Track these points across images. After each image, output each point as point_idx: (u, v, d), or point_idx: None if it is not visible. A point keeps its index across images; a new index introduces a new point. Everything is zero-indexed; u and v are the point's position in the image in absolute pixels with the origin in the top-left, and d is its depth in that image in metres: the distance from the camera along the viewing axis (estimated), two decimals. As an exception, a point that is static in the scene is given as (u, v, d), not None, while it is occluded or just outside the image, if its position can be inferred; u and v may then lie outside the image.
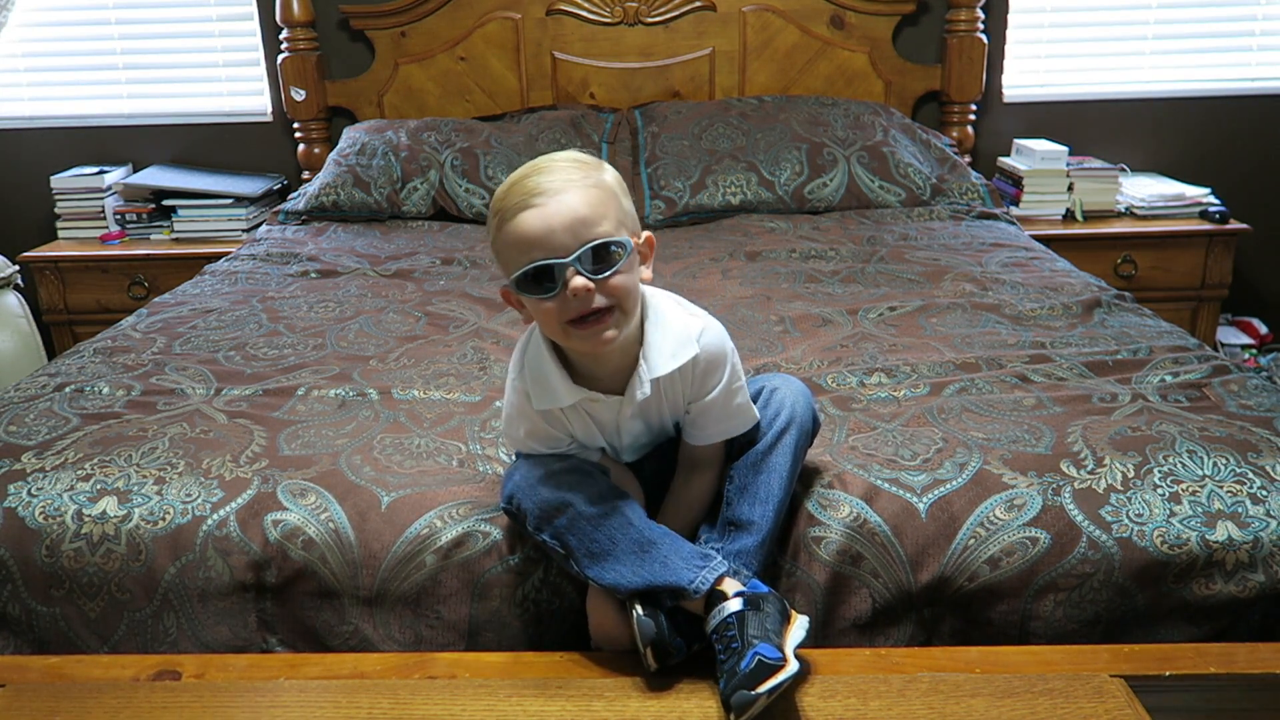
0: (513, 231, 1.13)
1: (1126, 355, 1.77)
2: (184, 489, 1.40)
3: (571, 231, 1.11)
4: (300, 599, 1.34)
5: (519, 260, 1.13)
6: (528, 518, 1.23)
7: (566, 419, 1.26)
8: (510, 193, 1.14)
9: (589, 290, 1.12)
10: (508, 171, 2.86)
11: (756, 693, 1.05)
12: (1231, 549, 1.29)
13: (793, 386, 1.34)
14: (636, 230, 1.20)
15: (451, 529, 1.33)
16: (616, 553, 1.19)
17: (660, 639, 1.15)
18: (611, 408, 1.24)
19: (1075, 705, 1.12)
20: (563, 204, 1.11)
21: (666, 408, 1.28)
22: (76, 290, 3.12)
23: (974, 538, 1.31)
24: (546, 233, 1.11)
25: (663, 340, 1.21)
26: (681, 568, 1.18)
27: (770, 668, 1.06)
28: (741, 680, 1.06)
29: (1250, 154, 3.34)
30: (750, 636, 1.10)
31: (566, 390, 1.21)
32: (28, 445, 1.51)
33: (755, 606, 1.14)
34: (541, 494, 1.21)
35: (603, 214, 1.13)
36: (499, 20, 3.24)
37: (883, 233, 2.64)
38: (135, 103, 3.42)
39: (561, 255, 1.11)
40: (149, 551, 1.34)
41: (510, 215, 1.13)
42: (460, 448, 1.52)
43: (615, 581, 1.18)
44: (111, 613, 1.34)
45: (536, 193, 1.12)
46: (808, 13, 3.22)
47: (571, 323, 1.14)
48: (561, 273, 1.12)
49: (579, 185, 1.13)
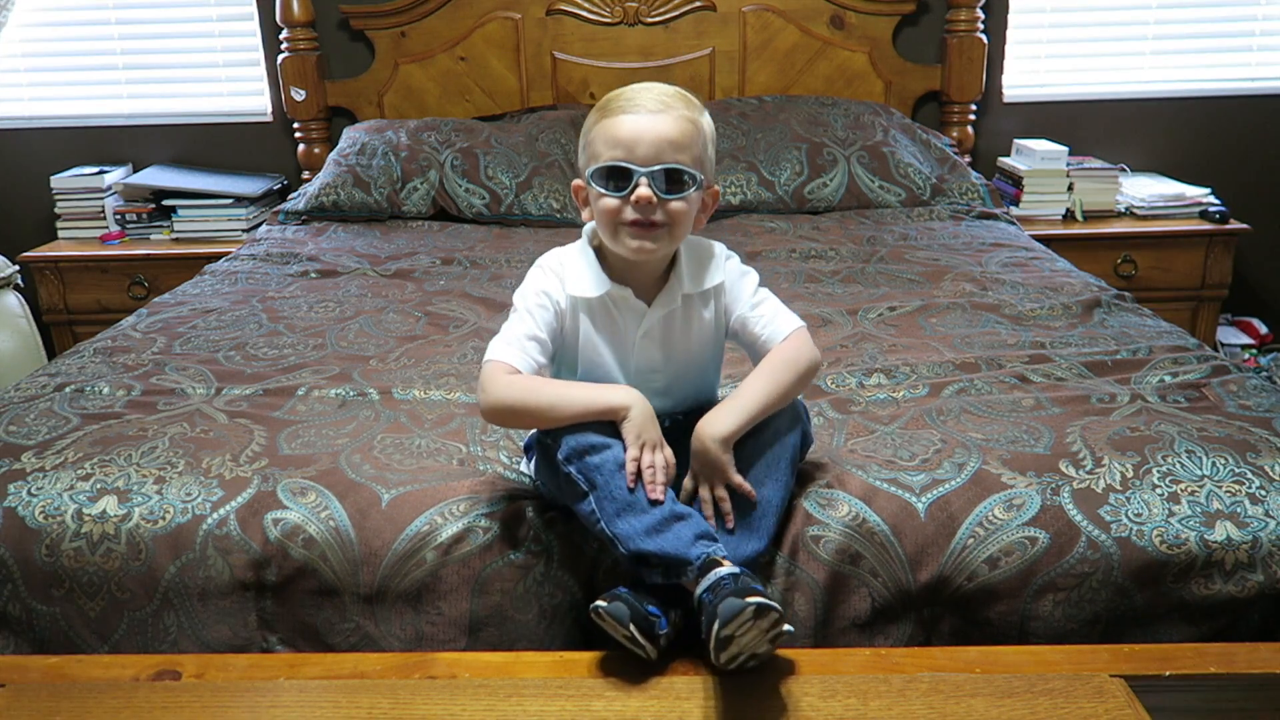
0: (608, 126, 1.26)
1: (1126, 355, 1.77)
2: (184, 488, 1.40)
3: (656, 148, 1.24)
4: (301, 597, 1.34)
5: (602, 153, 1.26)
6: (561, 446, 1.24)
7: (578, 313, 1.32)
8: (620, 95, 1.28)
9: (652, 202, 1.24)
10: (508, 171, 2.91)
11: (745, 601, 1.06)
12: (1230, 549, 1.29)
13: None
14: (710, 180, 1.32)
15: (452, 525, 1.33)
16: (636, 510, 1.20)
17: (637, 613, 1.15)
18: (636, 312, 1.32)
19: (1075, 705, 1.12)
20: (659, 121, 1.24)
21: (693, 340, 1.35)
22: (76, 290, 3.12)
23: (973, 537, 1.31)
24: (635, 139, 1.24)
25: (698, 268, 1.34)
26: (689, 543, 1.18)
27: (758, 592, 1.09)
28: (732, 591, 1.09)
29: (1250, 154, 3.34)
30: (744, 581, 1.12)
31: (599, 281, 1.31)
32: (28, 445, 1.52)
33: (750, 579, 1.15)
34: (582, 433, 1.24)
35: (688, 146, 1.25)
36: (499, 20, 3.24)
37: (883, 233, 2.64)
38: (135, 103, 3.42)
39: (641, 164, 1.23)
40: (149, 551, 1.34)
41: (611, 112, 1.26)
42: (460, 448, 1.52)
43: (625, 533, 1.19)
44: (112, 612, 1.35)
45: (642, 104, 1.25)
46: (808, 13, 3.22)
47: (625, 224, 1.25)
48: (635, 178, 1.24)
49: (679, 114, 1.25)
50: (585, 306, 1.32)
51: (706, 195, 1.32)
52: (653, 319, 1.32)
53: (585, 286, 1.31)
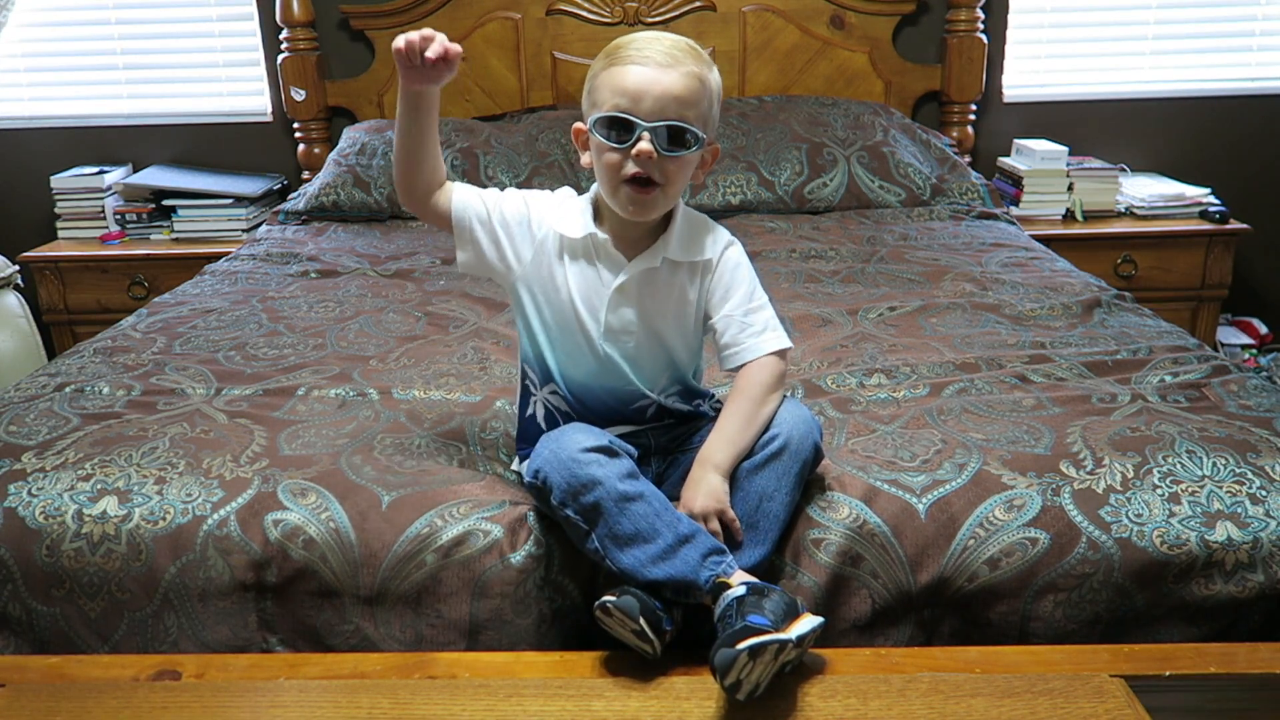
0: (614, 74, 1.25)
1: (1126, 355, 1.77)
2: (184, 489, 1.40)
3: (660, 103, 1.23)
4: (301, 598, 1.34)
5: (606, 100, 1.25)
6: (553, 491, 1.23)
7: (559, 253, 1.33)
8: (630, 43, 1.26)
9: (651, 157, 1.23)
10: (508, 172, 2.90)
11: (736, 649, 1.05)
12: (1231, 549, 1.29)
13: (792, 411, 1.33)
14: (712, 137, 1.31)
15: (452, 528, 1.33)
16: (640, 540, 1.20)
17: (646, 607, 1.16)
18: (615, 263, 1.32)
19: (1075, 705, 1.12)
20: (666, 76, 1.23)
21: (671, 310, 1.33)
22: (76, 290, 3.12)
23: (974, 538, 1.31)
24: (641, 91, 1.23)
25: (689, 236, 1.33)
26: (698, 564, 1.18)
27: (754, 630, 1.07)
28: (724, 640, 1.08)
29: (1250, 154, 3.34)
30: (745, 611, 1.12)
31: (584, 223, 1.32)
32: (28, 445, 1.51)
33: (759, 594, 1.15)
34: (570, 469, 1.22)
35: (694, 103, 1.24)
36: (499, 20, 3.24)
37: (883, 233, 2.64)
38: (135, 103, 3.42)
39: (645, 118, 1.23)
40: (149, 551, 1.34)
41: (619, 60, 1.25)
42: (460, 448, 1.52)
43: (632, 566, 1.19)
44: (112, 612, 1.34)
45: (651, 56, 1.24)
46: (808, 12, 3.22)
47: (624, 180, 1.25)
48: (638, 132, 1.23)
49: (687, 69, 1.24)
50: (569, 247, 1.33)
51: (706, 152, 1.32)
52: (630, 273, 1.32)
53: (571, 226, 1.33)
